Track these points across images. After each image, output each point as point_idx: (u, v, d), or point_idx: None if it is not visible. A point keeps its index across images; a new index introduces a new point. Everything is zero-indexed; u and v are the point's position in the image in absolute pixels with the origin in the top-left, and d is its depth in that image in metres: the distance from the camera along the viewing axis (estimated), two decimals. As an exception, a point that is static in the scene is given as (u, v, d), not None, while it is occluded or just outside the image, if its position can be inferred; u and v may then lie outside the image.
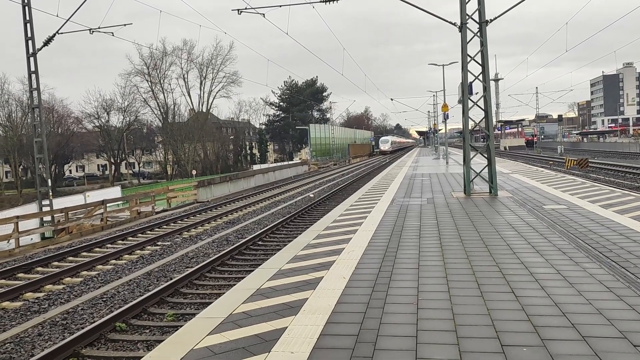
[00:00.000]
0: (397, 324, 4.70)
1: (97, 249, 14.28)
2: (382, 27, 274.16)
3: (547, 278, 5.96)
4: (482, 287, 5.70)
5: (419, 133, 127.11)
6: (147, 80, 77.15)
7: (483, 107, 14.83)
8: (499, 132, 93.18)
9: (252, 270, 7.99)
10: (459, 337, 4.32)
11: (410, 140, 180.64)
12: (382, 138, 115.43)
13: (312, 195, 23.85)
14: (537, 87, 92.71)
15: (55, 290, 9.85)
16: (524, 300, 5.20)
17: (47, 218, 19.76)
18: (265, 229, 14.84)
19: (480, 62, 14.51)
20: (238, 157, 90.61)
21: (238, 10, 18.80)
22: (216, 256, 11.61)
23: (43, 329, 7.74)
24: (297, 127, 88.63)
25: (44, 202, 21.03)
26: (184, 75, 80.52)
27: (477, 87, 15.56)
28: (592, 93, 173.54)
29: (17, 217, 16.64)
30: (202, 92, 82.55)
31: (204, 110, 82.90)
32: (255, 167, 65.06)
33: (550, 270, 6.30)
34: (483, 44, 14.39)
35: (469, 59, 14.56)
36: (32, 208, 21.70)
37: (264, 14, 20.03)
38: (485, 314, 4.85)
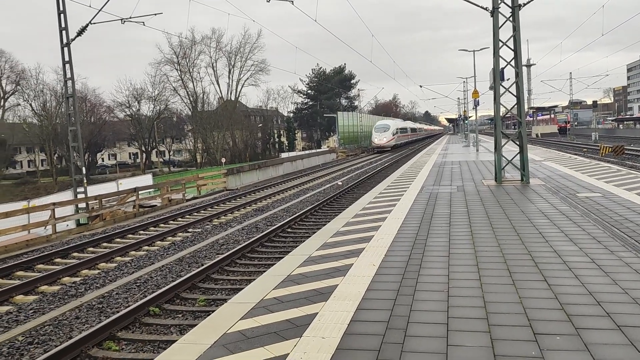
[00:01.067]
0: (428, 311, 4.70)
1: (130, 235, 14.58)
2: (408, 13, 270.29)
3: (581, 267, 5.87)
4: (514, 275, 5.64)
5: (449, 120, 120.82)
6: (177, 69, 78.01)
7: (515, 94, 14.57)
8: (531, 118, 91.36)
9: (282, 257, 8.06)
10: (490, 325, 4.30)
11: (437, 128, 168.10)
12: (379, 123, 68.47)
13: (340, 183, 23.85)
14: (570, 73, 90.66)
15: (90, 275, 10.12)
16: (557, 289, 5.13)
17: (82, 205, 20.24)
18: (294, 216, 14.92)
19: (513, 48, 14.23)
20: (266, 145, 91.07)
21: (267, -3, 18.76)
22: (246, 243, 11.74)
23: (80, 312, 7.97)
24: (325, 115, 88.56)
25: (78, 190, 21.53)
26: (212, 64, 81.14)
27: (509, 73, 15.26)
28: (628, 78, 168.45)
29: (54, 204, 17.09)
30: (230, 81, 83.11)
31: (233, 98, 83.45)
32: (284, 155, 65.30)
33: (584, 258, 6.20)
34: (515, 29, 14.10)
35: (500, 44, 14.29)
36: (67, 195, 22.23)
37: (292, 1, 19.97)
38: (517, 302, 4.81)
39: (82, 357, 6.40)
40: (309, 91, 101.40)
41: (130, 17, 18.90)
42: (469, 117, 58.77)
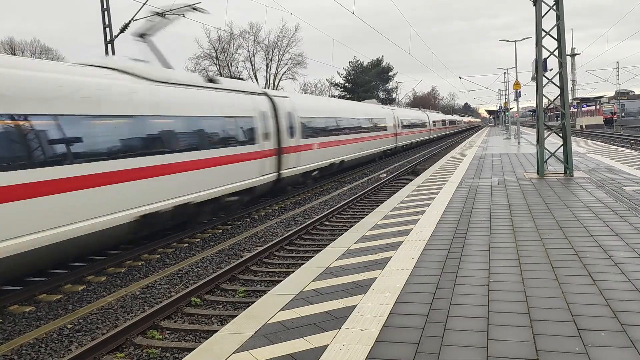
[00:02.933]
0: (468, 305, 4.66)
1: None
2: (443, 3, 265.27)
3: (627, 262, 5.71)
4: (557, 270, 5.54)
5: (489, 112, 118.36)
6: (216, 64, 78.93)
7: (558, 84, 14.20)
8: (575, 109, 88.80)
9: (320, 250, 8.11)
10: (532, 320, 4.24)
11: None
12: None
13: (384, 175, 23.82)
14: (617, 62, 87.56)
15: (135, 265, 10.40)
16: (602, 284, 5.01)
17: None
18: (332, 209, 14.95)
19: (556, 37, 13.85)
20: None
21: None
22: (284, 236, 11.84)
23: (125, 302, 8.22)
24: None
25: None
26: (250, 58, 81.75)
27: (552, 63, 14.96)
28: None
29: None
30: (268, 74, 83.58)
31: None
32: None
33: (631, 254, 6.03)
34: (559, 18, 13.72)
35: (543, 34, 13.94)
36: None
37: (330, -6, 19.89)
38: (560, 297, 4.72)
39: (127, 345, 6.61)
40: (346, 84, 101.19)
41: (170, 11, 19.23)
42: (510, 108, 57.55)
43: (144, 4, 18.52)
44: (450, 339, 3.99)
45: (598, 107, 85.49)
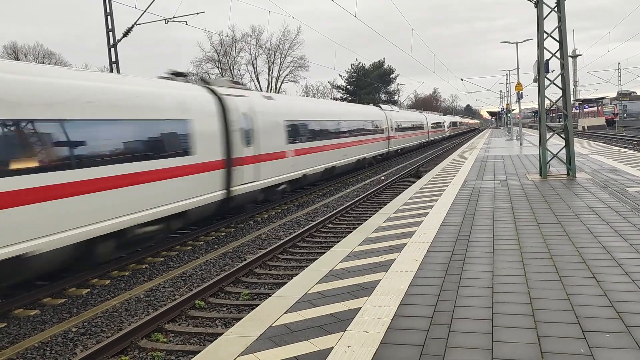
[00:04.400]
0: (472, 307, 4.67)
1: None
2: (440, 6, 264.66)
3: (631, 263, 5.71)
4: (561, 272, 5.54)
5: (491, 114, 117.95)
6: (218, 67, 79.04)
7: (560, 86, 14.21)
8: (577, 111, 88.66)
9: (324, 252, 8.13)
10: (536, 322, 4.25)
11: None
12: None
13: (383, 178, 23.81)
14: (619, 63, 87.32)
15: (139, 269, 10.42)
16: (606, 286, 5.02)
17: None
18: (335, 211, 14.96)
19: (558, 39, 13.87)
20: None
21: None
22: (287, 238, 11.85)
23: (129, 305, 8.23)
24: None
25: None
26: (252, 61, 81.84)
27: (554, 64, 14.95)
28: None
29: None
30: (270, 77, 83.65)
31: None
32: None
33: (635, 255, 6.03)
34: (561, 19, 13.74)
35: (545, 35, 13.95)
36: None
37: (331, -3, 19.95)
38: (564, 299, 4.73)
39: (132, 348, 6.62)
40: (348, 86, 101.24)
41: (173, 17, 19.34)
42: (512, 110, 57.54)
43: (145, 9, 18.60)
44: (455, 340, 3.99)
45: (599, 108, 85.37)
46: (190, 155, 12.03)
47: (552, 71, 15.44)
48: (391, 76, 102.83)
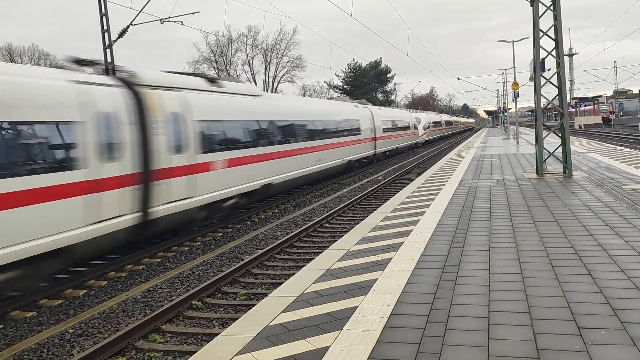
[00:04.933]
0: (469, 304, 4.68)
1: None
2: (436, 6, 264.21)
3: (627, 260, 5.73)
4: (557, 269, 5.55)
5: (487, 113, 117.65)
6: (214, 68, 78.98)
7: (557, 84, 14.24)
8: (573, 109, 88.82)
9: (321, 252, 8.13)
10: (532, 319, 4.26)
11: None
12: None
13: (380, 178, 23.82)
14: (615, 61, 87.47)
15: (135, 269, 10.40)
16: (602, 283, 5.03)
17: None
18: (332, 211, 14.97)
19: (554, 37, 13.90)
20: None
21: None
22: (284, 238, 11.85)
23: (126, 306, 8.22)
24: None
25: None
26: (249, 61, 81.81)
27: (550, 63, 14.91)
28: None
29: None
30: (267, 77, 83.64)
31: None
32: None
33: (631, 252, 6.05)
34: (557, 18, 13.77)
35: (541, 34, 13.98)
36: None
37: (327, -3, 19.95)
38: (560, 296, 4.74)
39: (129, 349, 6.61)
40: (345, 86, 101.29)
41: (169, 17, 19.29)
42: (509, 109, 57.64)
43: (141, 10, 18.56)
44: (451, 338, 4.00)
45: (594, 106, 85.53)
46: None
47: (549, 70, 15.46)
48: (388, 75, 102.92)
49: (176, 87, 12.44)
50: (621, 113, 79.71)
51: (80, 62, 11.01)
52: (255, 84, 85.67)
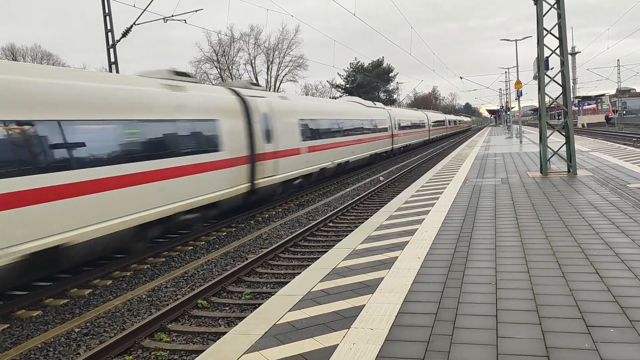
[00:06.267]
0: (476, 303, 4.67)
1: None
2: (430, 4, 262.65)
3: (634, 259, 5.72)
4: (564, 268, 5.54)
5: (490, 112, 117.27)
6: (217, 67, 79.00)
7: (560, 83, 14.22)
8: (577, 108, 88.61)
9: (325, 251, 8.13)
10: (540, 317, 4.25)
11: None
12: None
13: (382, 179, 23.79)
14: (618, 60, 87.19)
15: (140, 269, 10.41)
16: (609, 281, 5.02)
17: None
18: (336, 210, 14.96)
19: (558, 36, 13.87)
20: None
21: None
22: (289, 237, 11.85)
23: (132, 305, 8.23)
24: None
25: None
26: (251, 61, 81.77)
27: (553, 62, 14.95)
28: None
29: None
30: (269, 77, 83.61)
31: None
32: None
33: (638, 250, 6.03)
34: (560, 16, 13.74)
35: (545, 32, 13.95)
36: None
37: (330, -4, 19.94)
38: (568, 295, 4.73)
39: (135, 348, 6.62)
40: (347, 85, 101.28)
41: (172, 16, 19.33)
42: (512, 108, 57.58)
43: (145, 8, 18.59)
44: (459, 337, 4.00)
45: (594, 105, 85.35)
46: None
47: (552, 68, 15.45)
48: (390, 75, 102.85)
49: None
50: (624, 112, 79.48)
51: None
52: (258, 83, 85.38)
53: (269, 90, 66.59)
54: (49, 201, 8.27)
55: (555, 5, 13.83)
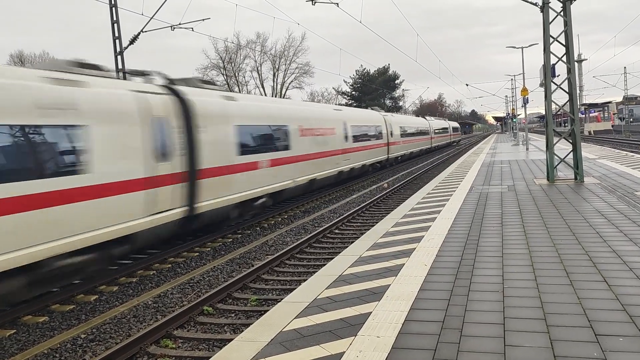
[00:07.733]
0: (483, 311, 4.65)
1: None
2: (433, 11, 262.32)
3: (642, 267, 5.67)
4: (572, 276, 5.51)
5: (496, 119, 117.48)
6: (223, 74, 79.32)
7: (567, 90, 14.18)
8: (583, 115, 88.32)
9: (331, 258, 8.12)
10: (548, 326, 4.22)
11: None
12: None
13: (386, 185, 23.75)
14: (625, 67, 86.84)
15: (146, 275, 10.43)
16: (617, 290, 4.99)
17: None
18: (342, 217, 14.95)
19: (564, 43, 13.86)
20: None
21: (312, 0, 18.95)
22: (295, 244, 11.84)
23: (138, 311, 8.24)
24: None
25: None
26: (257, 68, 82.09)
27: (560, 69, 14.90)
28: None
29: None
30: (275, 84, 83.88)
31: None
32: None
33: (646, 259, 5.99)
34: (567, 24, 13.74)
35: (551, 39, 13.94)
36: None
37: (337, 3, 20.06)
38: (576, 303, 4.70)
39: (141, 354, 6.62)
40: (353, 92, 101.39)
41: (179, 24, 19.45)
42: (518, 115, 57.49)
43: (153, 16, 18.72)
44: (467, 344, 3.98)
45: (597, 113, 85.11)
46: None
47: (558, 75, 15.41)
48: (396, 82, 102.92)
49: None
50: (631, 119, 79.14)
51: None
52: (264, 90, 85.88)
53: (275, 97, 66.38)
54: None
55: (562, 13, 13.83)
